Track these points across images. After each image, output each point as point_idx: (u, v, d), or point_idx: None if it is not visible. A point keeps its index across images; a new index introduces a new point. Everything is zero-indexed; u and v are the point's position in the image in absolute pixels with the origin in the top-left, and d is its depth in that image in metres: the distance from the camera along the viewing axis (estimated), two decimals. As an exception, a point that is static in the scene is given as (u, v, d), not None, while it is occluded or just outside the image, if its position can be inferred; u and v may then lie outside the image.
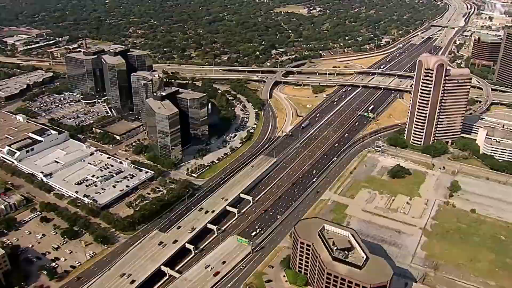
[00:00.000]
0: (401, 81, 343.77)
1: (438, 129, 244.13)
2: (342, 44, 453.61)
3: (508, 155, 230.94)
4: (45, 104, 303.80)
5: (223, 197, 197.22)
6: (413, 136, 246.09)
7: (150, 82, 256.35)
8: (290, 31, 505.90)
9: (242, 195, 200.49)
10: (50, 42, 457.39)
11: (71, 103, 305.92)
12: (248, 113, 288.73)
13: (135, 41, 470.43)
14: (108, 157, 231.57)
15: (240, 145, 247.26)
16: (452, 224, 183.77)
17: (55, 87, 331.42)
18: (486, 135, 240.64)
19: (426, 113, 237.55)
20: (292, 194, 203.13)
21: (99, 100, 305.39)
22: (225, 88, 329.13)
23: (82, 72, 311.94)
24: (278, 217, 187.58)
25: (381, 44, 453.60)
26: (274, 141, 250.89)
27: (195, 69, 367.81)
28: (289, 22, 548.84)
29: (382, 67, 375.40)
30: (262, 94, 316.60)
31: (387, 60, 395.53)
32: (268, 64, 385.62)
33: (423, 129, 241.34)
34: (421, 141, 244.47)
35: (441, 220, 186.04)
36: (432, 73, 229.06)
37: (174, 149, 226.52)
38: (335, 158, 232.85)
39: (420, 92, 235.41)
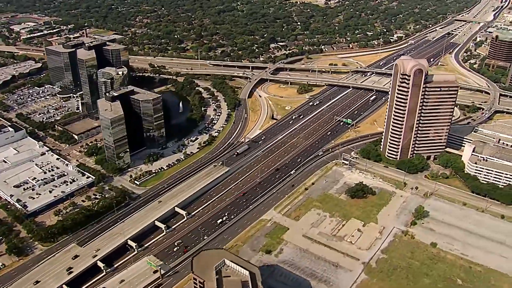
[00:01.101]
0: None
1: (417, 142, 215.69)
2: (349, 39, 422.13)
3: (494, 177, 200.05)
4: (21, 97, 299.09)
5: (154, 211, 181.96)
6: (388, 148, 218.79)
7: (110, 80, 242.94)
8: (298, 23, 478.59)
9: (177, 209, 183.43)
10: (54, 30, 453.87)
11: (47, 97, 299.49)
12: (220, 113, 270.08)
13: (137, 31, 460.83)
14: (57, 159, 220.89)
15: (198, 150, 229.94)
16: (403, 260, 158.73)
17: (37, 79, 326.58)
18: (473, 151, 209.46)
19: (402, 124, 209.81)
20: (232, 211, 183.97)
21: (74, 95, 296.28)
22: (206, 84, 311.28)
23: (60, 65, 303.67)
24: (206, 237, 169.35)
25: (391, 40, 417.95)
26: (235, 148, 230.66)
27: (182, 63, 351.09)
28: (301, 14, 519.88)
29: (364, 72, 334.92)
30: (242, 93, 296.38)
31: (381, 64, 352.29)
32: (262, 59, 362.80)
33: (399, 141, 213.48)
34: (397, 155, 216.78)
35: (391, 254, 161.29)
36: (408, 79, 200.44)
37: (121, 153, 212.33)
38: (293, 171, 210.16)
39: (396, 100, 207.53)
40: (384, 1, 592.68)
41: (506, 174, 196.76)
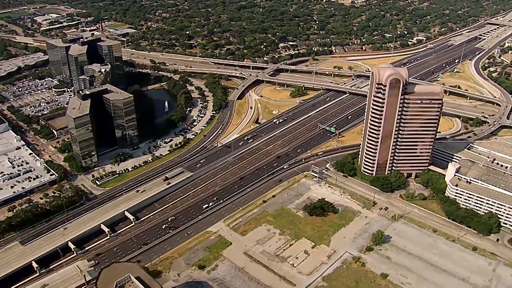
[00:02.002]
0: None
1: (396, 157, 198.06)
2: (364, 40, 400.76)
3: (475, 203, 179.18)
4: (20, 89, 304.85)
5: (103, 213, 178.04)
6: (364, 163, 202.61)
7: (89, 77, 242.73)
8: (317, 22, 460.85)
9: (126, 213, 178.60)
10: (72, 23, 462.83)
11: (43, 90, 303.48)
12: (203, 115, 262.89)
13: (153, 25, 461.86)
14: (29, 154, 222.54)
15: (168, 152, 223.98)
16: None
17: (40, 72, 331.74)
18: (457, 171, 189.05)
19: (378, 137, 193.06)
20: (179, 220, 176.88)
21: (68, 89, 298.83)
22: (201, 83, 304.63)
23: (58, 59, 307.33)
24: (143, 246, 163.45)
25: (409, 43, 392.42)
26: (206, 152, 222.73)
27: (183, 60, 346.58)
28: (322, 12, 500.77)
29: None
30: (233, 94, 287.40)
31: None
32: (265, 59, 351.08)
33: (375, 155, 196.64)
34: (373, 170, 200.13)
35: (333, 282, 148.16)
36: (384, 89, 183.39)
37: (87, 151, 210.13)
38: (258, 181, 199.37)
39: (371, 111, 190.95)
40: (414, 1, 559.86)
41: (488, 200, 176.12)
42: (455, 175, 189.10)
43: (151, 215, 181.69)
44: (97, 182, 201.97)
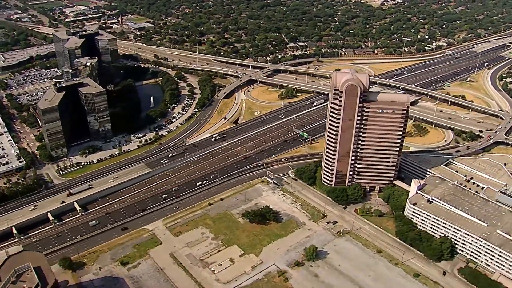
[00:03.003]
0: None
1: (357, 169, 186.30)
2: (379, 43, 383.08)
3: (432, 225, 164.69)
4: (24, 78, 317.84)
5: (53, 202, 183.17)
6: (323, 173, 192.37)
7: (72, 70, 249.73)
8: (337, 22, 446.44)
9: (75, 205, 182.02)
10: (96, 15, 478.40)
11: (45, 80, 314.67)
12: (185, 112, 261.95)
13: (172, 20, 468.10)
14: (9, 141, 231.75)
15: (137, 147, 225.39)
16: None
17: (48, 62, 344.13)
18: (419, 189, 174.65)
19: (335, 146, 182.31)
20: (122, 214, 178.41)
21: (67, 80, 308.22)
22: (194, 80, 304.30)
23: (61, 51, 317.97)
24: (78, 236, 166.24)
25: (426, 48, 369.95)
26: (174, 149, 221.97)
27: (185, 56, 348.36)
28: (346, 13, 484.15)
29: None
30: (221, 92, 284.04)
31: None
32: (268, 58, 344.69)
33: (333, 165, 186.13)
34: (331, 181, 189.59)
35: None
36: (341, 96, 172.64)
37: (55, 142, 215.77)
38: (211, 182, 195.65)
39: (329, 119, 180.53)
40: (449, 5, 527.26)
41: (445, 224, 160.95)
42: (417, 192, 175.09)
43: (99, 208, 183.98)
44: (60, 172, 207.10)
